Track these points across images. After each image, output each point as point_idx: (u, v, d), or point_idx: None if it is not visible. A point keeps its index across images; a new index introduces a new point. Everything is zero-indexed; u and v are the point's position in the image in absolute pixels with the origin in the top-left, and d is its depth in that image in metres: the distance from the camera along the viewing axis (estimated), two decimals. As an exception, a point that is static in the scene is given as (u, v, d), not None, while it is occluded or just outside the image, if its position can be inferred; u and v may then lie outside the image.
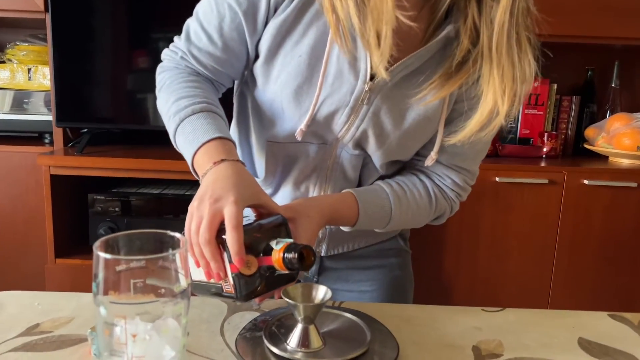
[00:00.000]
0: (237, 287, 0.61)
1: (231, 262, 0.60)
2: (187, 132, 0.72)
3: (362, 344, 0.63)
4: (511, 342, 0.72)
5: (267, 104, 0.81)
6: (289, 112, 0.78)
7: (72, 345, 0.67)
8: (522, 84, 0.71)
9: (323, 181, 0.85)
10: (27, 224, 1.86)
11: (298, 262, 0.58)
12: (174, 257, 0.51)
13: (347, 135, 0.80)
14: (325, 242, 0.92)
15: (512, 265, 1.85)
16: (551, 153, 2.00)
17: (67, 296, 0.81)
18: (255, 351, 0.63)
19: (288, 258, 0.59)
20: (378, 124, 0.78)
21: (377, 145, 0.80)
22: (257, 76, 0.80)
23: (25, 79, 1.91)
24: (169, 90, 0.77)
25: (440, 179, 0.87)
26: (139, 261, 0.50)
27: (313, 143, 0.82)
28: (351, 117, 0.77)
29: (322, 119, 0.78)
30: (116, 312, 0.49)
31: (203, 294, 0.68)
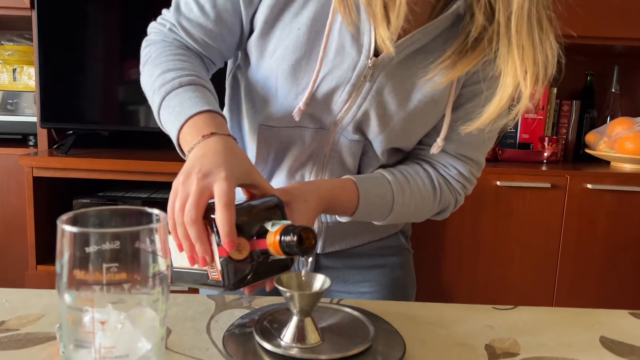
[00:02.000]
0: (225, 274, 0.54)
1: (220, 244, 0.53)
2: (173, 105, 0.65)
3: (364, 340, 0.56)
4: (527, 340, 0.65)
5: (261, 83, 0.75)
6: (283, 91, 0.73)
7: (40, 343, 0.60)
8: (544, 67, 0.66)
9: (319, 169, 0.79)
10: (8, 229, 1.77)
11: (297, 246, 0.52)
12: (152, 233, 0.44)
13: (347, 117, 0.74)
14: (321, 238, 0.85)
15: (513, 271, 1.78)
16: (552, 158, 1.96)
17: (38, 293, 0.73)
18: (245, 348, 0.56)
19: (286, 241, 0.52)
20: (381, 103, 0.72)
21: (379, 128, 0.74)
22: (251, 52, 0.75)
23: (10, 79, 1.84)
24: (155, 64, 0.71)
25: (445, 169, 0.81)
26: (112, 242, 0.44)
27: (309, 127, 0.76)
28: (352, 96, 0.72)
29: (321, 97, 0.72)
30: (83, 296, 0.43)
31: (185, 283, 0.61)
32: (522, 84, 0.65)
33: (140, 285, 0.44)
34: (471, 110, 0.74)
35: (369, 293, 0.90)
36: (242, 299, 0.74)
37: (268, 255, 0.55)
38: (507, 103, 0.67)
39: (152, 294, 0.45)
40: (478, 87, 0.74)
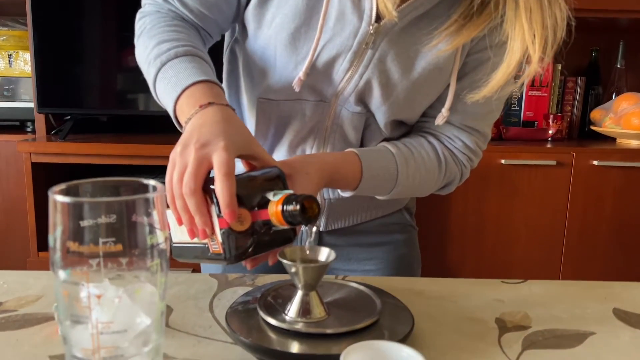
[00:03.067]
0: (226, 246, 0.52)
1: (220, 216, 0.51)
2: (169, 76, 0.63)
3: (371, 314, 0.55)
4: (539, 313, 0.64)
5: (259, 54, 0.73)
6: (282, 61, 0.70)
7: (38, 324, 0.58)
8: (553, 30, 0.63)
9: (321, 144, 0.77)
10: (8, 216, 1.76)
11: (300, 215, 0.50)
12: (148, 203, 0.42)
13: (349, 87, 0.71)
14: (324, 215, 0.83)
15: (519, 250, 1.77)
16: (557, 135, 1.93)
17: (36, 275, 0.72)
18: (249, 324, 0.54)
19: (288, 210, 0.50)
20: (384, 71, 0.70)
21: (382, 99, 0.72)
22: (249, 22, 0.72)
23: (6, 65, 1.82)
24: (149, 35, 0.68)
25: (450, 141, 0.78)
26: (107, 215, 0.42)
27: (309, 100, 0.74)
28: (354, 64, 0.69)
29: (322, 66, 0.69)
30: (78, 270, 0.41)
31: (185, 259, 0.60)
32: (531, 48, 0.63)
33: (138, 258, 0.42)
34: (477, 78, 0.71)
35: (373, 271, 0.88)
36: (245, 277, 0.72)
37: (270, 226, 0.53)
38: (515, 69, 0.65)
39: (151, 266, 0.43)
40: (484, 55, 0.72)
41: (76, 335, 0.42)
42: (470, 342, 0.56)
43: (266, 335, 0.52)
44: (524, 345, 0.56)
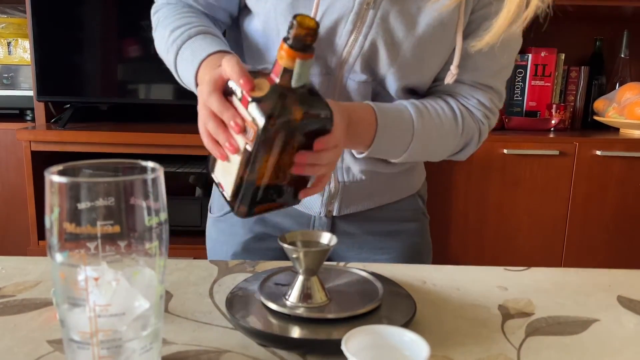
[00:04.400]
0: (257, 115, 0.50)
1: (240, 97, 0.52)
2: (186, 56, 0.67)
3: (373, 300, 0.54)
4: (542, 300, 0.63)
5: (260, 30, 0.72)
6: (284, 29, 0.69)
7: (36, 309, 0.58)
8: None
9: None
10: (8, 205, 1.75)
11: (298, 26, 0.49)
12: (147, 184, 0.41)
13: (354, 51, 0.70)
14: (338, 198, 0.81)
15: (521, 239, 1.76)
16: (560, 125, 1.91)
17: (34, 260, 0.71)
18: (249, 309, 0.53)
19: (289, 35, 0.50)
20: (388, 30, 0.68)
21: (389, 60, 0.70)
22: (248, 0, 0.72)
23: (5, 53, 1.80)
24: (164, 25, 0.72)
25: (464, 99, 0.77)
26: (105, 198, 0.41)
27: (314, 74, 0.72)
28: (357, 26, 0.68)
29: (325, 32, 0.68)
30: (75, 252, 0.40)
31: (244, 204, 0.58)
32: None
33: (136, 241, 0.42)
34: (479, 32, 0.70)
35: (385, 260, 0.87)
36: (246, 263, 0.72)
37: (293, 91, 0.52)
38: (515, 14, 0.63)
39: (149, 249, 0.42)
40: (489, 10, 0.70)
41: (74, 319, 0.41)
42: (473, 328, 0.55)
43: (267, 321, 0.51)
44: (528, 331, 0.55)
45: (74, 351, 0.42)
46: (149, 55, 1.66)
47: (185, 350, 0.50)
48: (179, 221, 1.67)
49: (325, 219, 0.83)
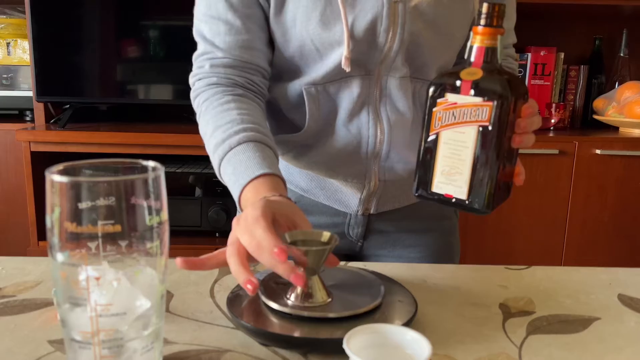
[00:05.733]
0: (493, 99, 0.54)
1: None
2: (229, 173, 0.64)
3: (374, 298, 0.54)
4: (543, 299, 0.63)
5: (297, 55, 0.73)
6: (323, 48, 0.71)
7: (37, 309, 0.58)
8: None
9: (375, 117, 0.75)
10: (8, 205, 1.75)
11: (489, 7, 0.54)
12: (147, 184, 0.41)
13: (395, 45, 0.70)
14: (376, 196, 0.81)
15: (520, 239, 1.76)
16: (559, 124, 1.92)
17: (35, 260, 0.71)
18: (250, 309, 0.53)
19: (485, 18, 0.54)
20: (421, 16, 0.70)
21: (428, 43, 0.72)
22: (275, 33, 0.73)
23: (4, 53, 1.80)
24: (205, 120, 0.70)
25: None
26: (106, 198, 0.41)
27: (354, 76, 0.73)
28: (392, 21, 0.69)
29: (364, 35, 0.69)
30: (76, 251, 0.40)
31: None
32: None
33: (137, 240, 0.42)
34: None
35: (418, 258, 0.87)
36: (246, 263, 0.72)
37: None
38: None
39: (150, 248, 0.42)
40: None
41: (75, 318, 0.41)
42: (474, 327, 0.55)
43: (268, 320, 0.51)
44: (529, 330, 0.55)
45: (75, 351, 0.42)
46: (148, 55, 1.66)
47: (187, 349, 0.50)
48: (179, 221, 1.67)
49: (362, 217, 0.84)
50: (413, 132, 0.76)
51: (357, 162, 0.78)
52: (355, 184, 0.80)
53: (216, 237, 1.72)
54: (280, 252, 0.49)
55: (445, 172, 0.58)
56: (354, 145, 0.76)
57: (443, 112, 0.57)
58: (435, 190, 0.59)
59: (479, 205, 0.57)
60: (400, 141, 0.77)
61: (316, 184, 0.83)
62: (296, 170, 0.83)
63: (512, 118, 0.56)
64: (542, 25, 2.05)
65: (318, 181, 0.82)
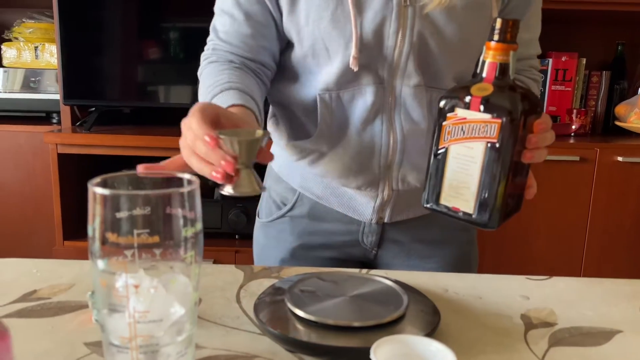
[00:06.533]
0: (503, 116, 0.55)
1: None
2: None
3: (398, 308, 0.55)
4: (564, 310, 0.64)
5: (309, 55, 0.74)
6: (333, 48, 0.71)
7: (71, 311, 0.60)
8: None
9: (389, 126, 0.76)
10: (36, 205, 1.80)
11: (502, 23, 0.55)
12: (183, 196, 0.43)
13: (405, 49, 0.71)
14: (390, 205, 0.82)
15: (540, 247, 1.75)
16: (580, 131, 1.90)
17: (68, 263, 0.74)
18: (277, 315, 0.55)
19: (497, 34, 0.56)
20: (430, 20, 0.70)
21: (439, 48, 0.72)
22: (290, 32, 0.74)
23: (33, 57, 1.85)
24: (200, 83, 0.75)
25: (525, 72, 0.84)
26: (143, 207, 0.43)
27: (368, 85, 0.73)
28: (401, 23, 0.70)
29: (373, 37, 0.70)
30: (115, 260, 0.42)
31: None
32: None
33: (172, 250, 0.43)
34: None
35: (433, 269, 0.86)
36: (271, 269, 0.73)
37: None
38: None
39: (185, 258, 0.44)
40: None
41: (113, 324, 0.43)
42: (496, 337, 0.56)
43: (294, 327, 0.53)
44: (551, 342, 0.56)
45: (113, 355, 0.44)
46: (172, 58, 1.69)
47: (216, 354, 0.52)
48: (199, 223, 1.69)
49: (376, 225, 0.84)
50: (427, 142, 0.76)
51: (370, 170, 0.78)
52: (368, 193, 0.81)
53: (236, 239, 1.74)
54: (210, 140, 0.53)
55: (453, 186, 0.59)
56: (367, 154, 0.77)
57: (452, 126, 0.57)
58: (443, 202, 0.60)
59: (485, 220, 0.58)
60: (414, 151, 0.77)
61: (331, 191, 0.83)
62: (311, 177, 0.84)
63: (522, 134, 0.56)
64: (563, 31, 2.03)
65: (332, 189, 0.83)
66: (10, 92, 1.84)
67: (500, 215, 0.58)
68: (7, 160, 1.79)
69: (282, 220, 0.87)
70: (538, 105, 0.58)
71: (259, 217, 0.93)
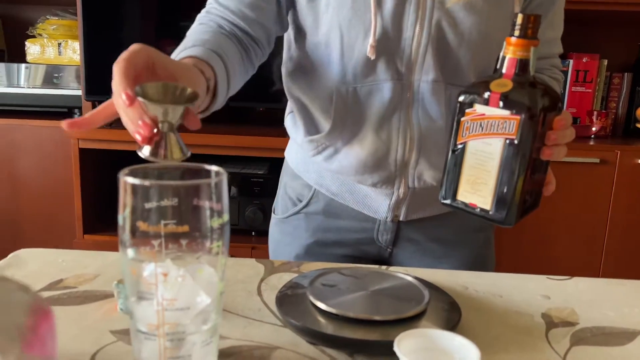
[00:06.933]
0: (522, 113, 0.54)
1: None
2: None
3: (419, 303, 0.55)
4: (586, 310, 0.63)
5: (322, 44, 0.74)
6: (351, 36, 0.71)
7: (97, 300, 0.61)
8: None
9: (406, 123, 0.75)
10: (57, 199, 1.83)
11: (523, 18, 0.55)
12: (210, 187, 0.44)
13: (423, 42, 0.70)
14: (405, 203, 0.81)
15: (559, 250, 1.74)
16: (600, 133, 1.88)
17: (92, 254, 0.75)
18: (298, 308, 0.56)
19: (518, 30, 0.56)
20: (449, 14, 0.70)
21: (457, 41, 0.71)
22: (305, 18, 0.74)
23: (56, 53, 1.88)
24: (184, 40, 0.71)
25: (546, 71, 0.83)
26: (171, 198, 0.44)
27: (386, 80, 0.73)
28: (419, 15, 0.69)
29: (390, 24, 0.70)
30: (144, 248, 0.43)
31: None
32: None
33: (200, 240, 0.44)
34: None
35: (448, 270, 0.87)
36: (290, 263, 0.74)
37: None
38: None
39: (212, 248, 0.45)
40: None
41: (141, 311, 0.44)
42: (517, 335, 0.56)
43: (316, 319, 0.54)
44: (573, 341, 0.56)
45: (140, 341, 0.45)
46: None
47: (239, 345, 0.53)
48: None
49: (391, 223, 0.84)
50: (445, 140, 0.76)
51: (386, 168, 0.78)
52: (384, 190, 0.80)
53: (252, 235, 1.75)
54: (127, 98, 0.50)
55: (470, 182, 0.59)
56: (383, 151, 0.77)
57: (471, 122, 0.57)
58: (460, 198, 0.60)
59: (502, 217, 0.58)
60: (431, 149, 0.76)
61: (346, 188, 0.83)
62: (328, 173, 0.84)
63: (541, 131, 0.56)
64: (585, 31, 2.01)
65: (348, 185, 0.83)
66: (32, 87, 1.88)
67: (518, 212, 0.58)
68: (30, 154, 1.83)
69: (298, 217, 0.88)
70: (558, 102, 0.58)
71: (274, 213, 0.93)
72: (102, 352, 0.51)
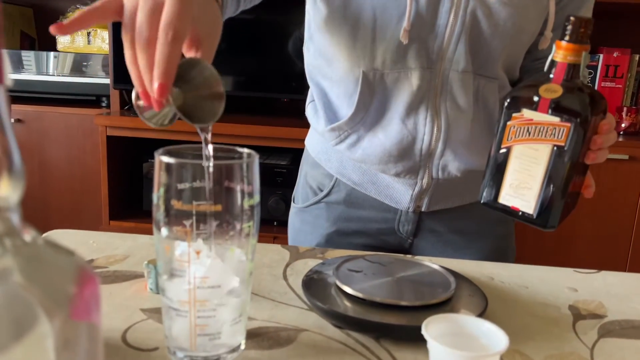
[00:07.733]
0: (572, 119, 0.54)
1: None
2: None
3: (446, 290, 0.55)
4: (614, 304, 0.62)
5: (351, 24, 0.72)
6: (383, 19, 0.69)
7: (127, 280, 0.63)
8: None
9: (433, 113, 0.74)
10: (84, 186, 1.87)
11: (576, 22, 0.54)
12: (243, 169, 0.44)
13: (456, 30, 0.69)
14: (428, 194, 0.81)
15: (584, 248, 1.71)
16: (630, 129, 1.84)
17: (122, 236, 0.77)
18: (325, 292, 0.56)
19: (570, 33, 0.54)
20: (483, 2, 0.68)
21: (490, 31, 0.70)
22: (334, 1, 0.72)
23: (85, 42, 1.91)
24: None
25: None
26: (207, 180, 0.44)
27: (415, 68, 0.72)
28: (455, 3, 0.68)
29: (425, 9, 0.68)
30: (179, 227, 0.44)
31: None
32: None
33: (231, 220, 0.45)
34: None
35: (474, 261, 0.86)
36: (315, 250, 0.75)
37: None
38: None
39: (243, 228, 0.45)
40: None
41: (173, 288, 0.45)
42: (544, 326, 0.56)
43: (342, 303, 0.54)
44: (600, 333, 0.55)
45: (172, 318, 0.46)
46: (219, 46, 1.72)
47: (266, 326, 0.53)
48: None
49: (413, 214, 0.83)
50: (472, 131, 0.75)
51: (410, 158, 0.77)
52: (407, 180, 0.80)
53: (274, 225, 1.77)
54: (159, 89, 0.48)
55: (514, 186, 0.58)
56: (408, 140, 0.75)
57: (518, 126, 0.57)
58: (502, 201, 0.60)
59: (546, 222, 0.58)
60: (458, 139, 0.75)
61: (368, 178, 0.83)
62: (350, 162, 0.83)
63: (588, 136, 0.55)
64: (615, 25, 1.97)
65: (370, 175, 0.82)
66: (61, 75, 1.91)
67: (561, 216, 0.58)
68: (58, 140, 1.87)
69: (318, 206, 0.88)
70: (604, 105, 0.57)
71: (294, 202, 0.93)
72: (132, 329, 0.52)
